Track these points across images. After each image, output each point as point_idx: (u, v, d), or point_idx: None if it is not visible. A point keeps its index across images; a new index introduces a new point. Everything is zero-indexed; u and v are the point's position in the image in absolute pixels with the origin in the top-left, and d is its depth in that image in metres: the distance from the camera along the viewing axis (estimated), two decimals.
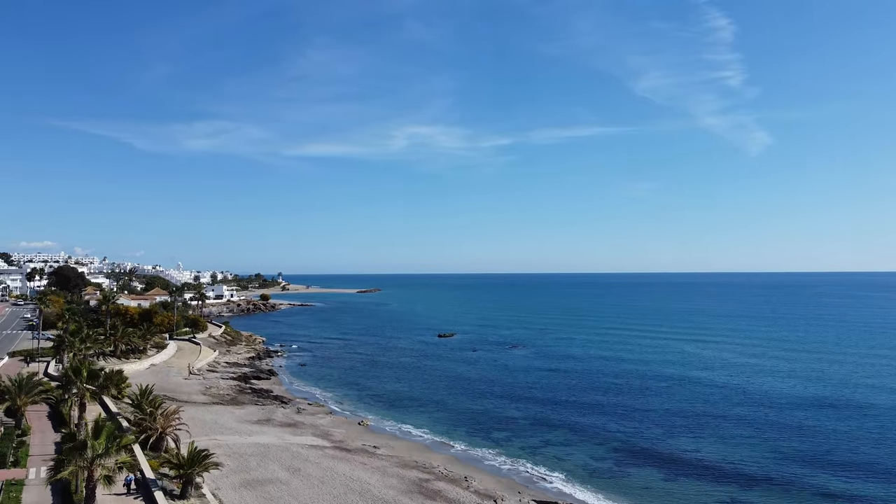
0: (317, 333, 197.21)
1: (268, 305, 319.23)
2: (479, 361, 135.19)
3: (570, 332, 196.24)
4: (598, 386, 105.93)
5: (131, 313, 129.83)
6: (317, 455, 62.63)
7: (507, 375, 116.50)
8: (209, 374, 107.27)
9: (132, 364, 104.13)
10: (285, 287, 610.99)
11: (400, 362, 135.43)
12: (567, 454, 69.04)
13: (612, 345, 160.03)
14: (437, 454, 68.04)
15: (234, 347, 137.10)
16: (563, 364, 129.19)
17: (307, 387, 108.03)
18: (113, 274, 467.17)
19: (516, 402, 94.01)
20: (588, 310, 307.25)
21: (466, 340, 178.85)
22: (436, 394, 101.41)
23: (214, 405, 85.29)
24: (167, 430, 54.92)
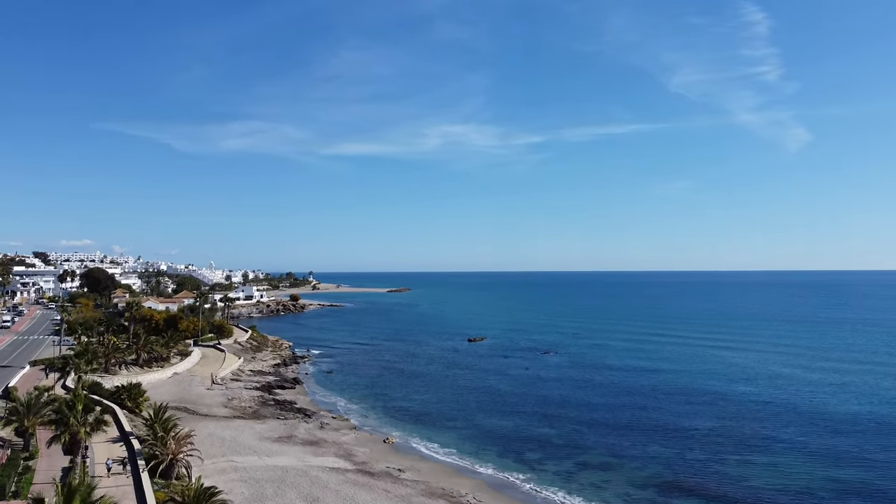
0: (345, 337, 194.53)
1: (297, 306, 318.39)
2: (510, 370, 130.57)
3: (604, 337, 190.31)
4: (636, 401, 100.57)
5: (156, 319, 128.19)
6: (338, 481, 58.90)
7: (539, 387, 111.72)
8: (232, 383, 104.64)
9: (154, 373, 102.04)
10: (316, 286, 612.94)
11: (428, 370, 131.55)
12: (604, 481, 64.23)
13: (648, 352, 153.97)
14: (465, 479, 63.83)
15: (260, 354, 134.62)
16: (597, 375, 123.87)
17: (332, 397, 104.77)
18: (146, 274, 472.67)
19: (549, 419, 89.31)
20: (621, 312, 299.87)
21: (497, 345, 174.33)
22: (465, 407, 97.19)
23: (235, 419, 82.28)
24: (178, 457, 51.64)
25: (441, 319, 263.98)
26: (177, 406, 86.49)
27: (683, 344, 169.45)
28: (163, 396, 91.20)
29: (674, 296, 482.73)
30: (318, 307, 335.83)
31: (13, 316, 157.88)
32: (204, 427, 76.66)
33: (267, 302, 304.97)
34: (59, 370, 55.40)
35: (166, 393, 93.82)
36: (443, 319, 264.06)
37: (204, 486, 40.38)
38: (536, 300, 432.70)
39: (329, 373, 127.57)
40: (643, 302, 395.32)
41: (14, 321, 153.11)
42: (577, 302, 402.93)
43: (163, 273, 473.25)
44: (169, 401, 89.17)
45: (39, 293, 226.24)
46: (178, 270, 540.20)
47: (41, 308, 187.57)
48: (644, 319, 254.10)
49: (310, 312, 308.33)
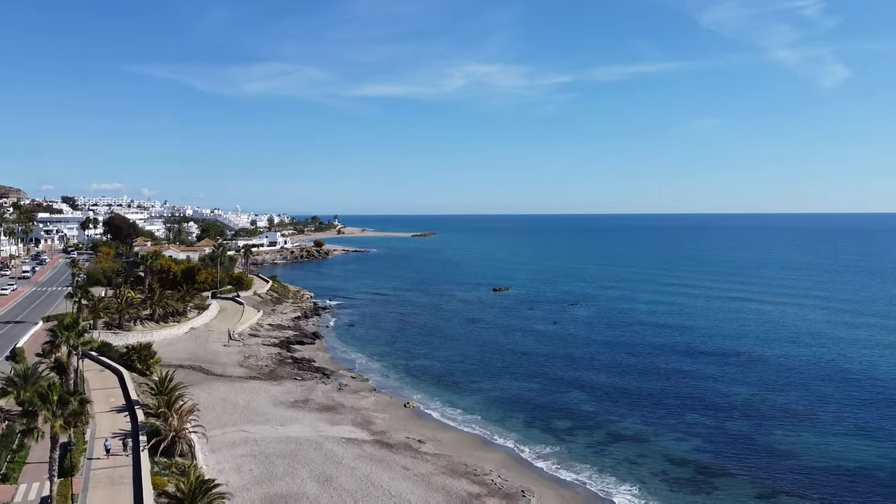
0: (368, 286, 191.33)
1: (321, 252, 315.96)
2: (537, 325, 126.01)
3: (633, 287, 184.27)
4: (669, 362, 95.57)
5: (174, 271, 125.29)
6: (353, 455, 55.24)
7: (567, 345, 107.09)
8: (250, 339, 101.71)
9: (170, 329, 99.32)
10: (341, 231, 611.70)
11: (452, 324, 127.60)
12: (639, 456, 59.78)
13: (679, 306, 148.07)
14: (489, 452, 59.86)
15: (280, 306, 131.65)
16: (627, 332, 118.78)
17: (352, 353, 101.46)
18: (171, 218, 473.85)
19: (579, 381, 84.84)
20: (648, 259, 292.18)
21: (522, 296, 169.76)
22: (490, 367, 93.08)
23: (251, 380, 79.17)
24: (181, 434, 48.08)
25: (465, 267, 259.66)
26: (191, 365, 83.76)
27: (715, 296, 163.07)
28: (178, 354, 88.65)
29: (702, 241, 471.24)
30: (342, 253, 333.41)
31: (33, 266, 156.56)
32: (217, 389, 73.71)
33: (291, 248, 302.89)
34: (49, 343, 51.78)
35: (182, 350, 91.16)
36: (467, 267, 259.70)
37: (201, 478, 36.50)
38: (562, 245, 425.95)
39: (350, 326, 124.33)
40: (670, 248, 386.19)
41: (35, 271, 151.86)
42: (604, 248, 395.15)
43: (188, 218, 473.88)
44: (184, 359, 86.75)
45: (64, 240, 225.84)
46: (203, 215, 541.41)
47: (62, 257, 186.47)
48: (672, 268, 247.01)
49: (334, 259, 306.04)
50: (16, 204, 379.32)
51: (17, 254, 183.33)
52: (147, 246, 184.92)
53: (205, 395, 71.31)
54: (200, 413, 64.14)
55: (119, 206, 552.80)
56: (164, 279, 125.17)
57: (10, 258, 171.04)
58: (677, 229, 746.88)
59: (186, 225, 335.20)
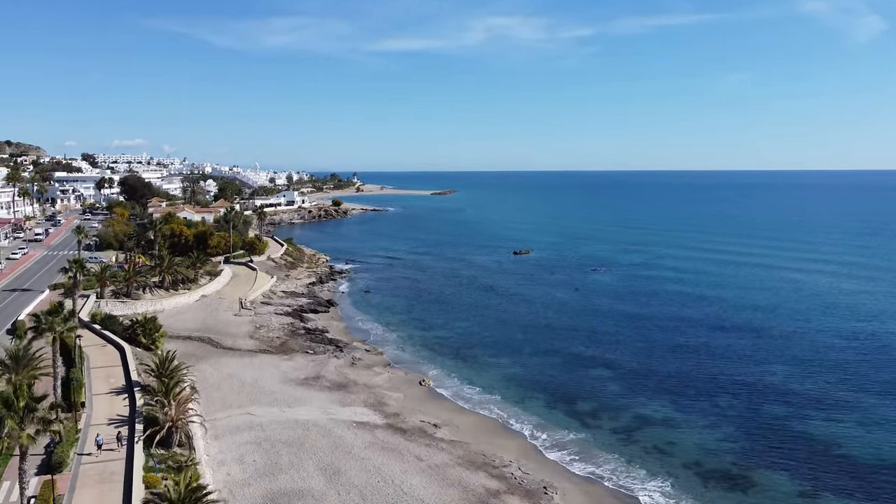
0: (385, 247, 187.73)
1: (339, 211, 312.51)
2: (558, 292, 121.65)
3: (656, 251, 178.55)
4: (698, 337, 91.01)
5: (185, 235, 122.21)
6: (364, 442, 51.95)
7: (589, 317, 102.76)
8: (262, 307, 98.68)
9: (180, 297, 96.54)
10: (360, 188, 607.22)
11: (471, 290, 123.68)
12: (669, 444, 55.91)
13: (706, 273, 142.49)
14: (509, 439, 56.33)
15: (294, 272, 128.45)
16: (653, 302, 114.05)
17: (367, 322, 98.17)
18: (191, 176, 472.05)
19: (603, 357, 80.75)
20: (673, 220, 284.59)
21: (543, 259, 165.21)
22: (509, 339, 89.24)
23: (260, 354, 76.16)
24: (178, 423, 44.92)
25: (485, 227, 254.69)
26: (200, 337, 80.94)
27: (744, 262, 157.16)
28: (186, 325, 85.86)
29: (729, 200, 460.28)
30: (360, 212, 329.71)
31: (46, 228, 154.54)
32: (225, 365, 70.79)
33: (309, 207, 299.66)
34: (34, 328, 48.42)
35: (191, 320, 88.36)
36: (487, 227, 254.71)
37: (193, 484, 33.12)
38: (584, 204, 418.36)
39: (366, 292, 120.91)
40: (695, 207, 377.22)
41: (48, 233, 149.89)
42: (626, 206, 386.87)
43: (206, 176, 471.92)
44: (192, 330, 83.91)
45: (80, 200, 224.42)
46: (222, 172, 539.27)
47: (77, 217, 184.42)
48: (698, 230, 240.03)
49: (352, 218, 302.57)
50: (35, 162, 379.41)
51: (32, 214, 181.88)
52: (162, 207, 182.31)
53: (212, 371, 68.46)
54: (206, 392, 61.53)
55: (139, 164, 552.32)
56: (176, 244, 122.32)
57: (24, 219, 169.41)
58: (702, 188, 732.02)
59: (204, 184, 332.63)
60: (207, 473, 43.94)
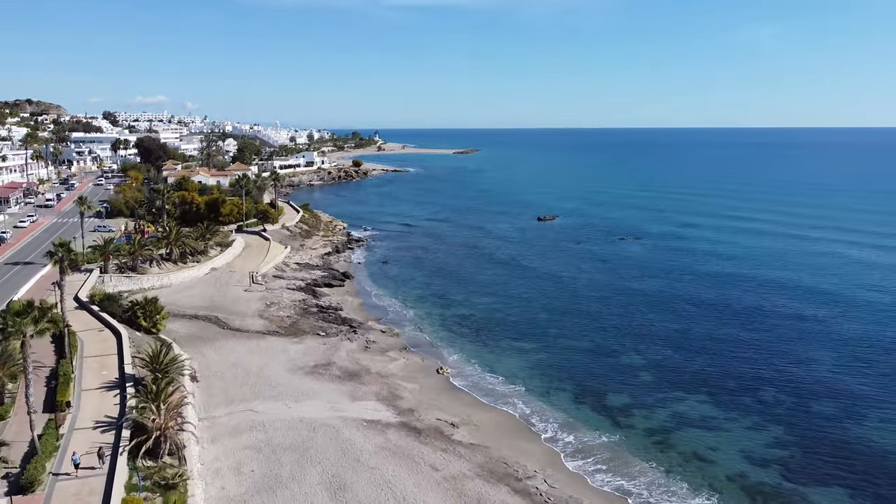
0: (405, 212, 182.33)
1: (359, 172, 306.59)
2: (585, 264, 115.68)
3: (689, 218, 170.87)
4: (737, 318, 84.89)
5: (196, 203, 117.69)
6: (375, 446, 47.40)
7: (619, 294, 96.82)
8: (274, 282, 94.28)
9: (189, 270, 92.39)
10: (381, 147, 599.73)
11: (494, 261, 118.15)
12: (711, 450, 50.62)
13: (747, 247, 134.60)
14: (533, 443, 51.40)
15: (310, 241, 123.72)
16: (686, 277, 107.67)
17: (384, 298, 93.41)
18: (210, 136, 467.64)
19: (633, 341, 75.21)
20: (706, 183, 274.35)
21: (569, 226, 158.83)
22: (533, 319, 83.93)
23: (269, 336, 71.82)
24: (166, 432, 40.54)
25: (509, 190, 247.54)
26: (207, 316, 76.84)
27: (784, 233, 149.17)
28: (193, 301, 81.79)
29: (763, 160, 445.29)
30: (381, 172, 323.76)
31: (59, 193, 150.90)
32: (231, 350, 66.57)
33: (328, 169, 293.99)
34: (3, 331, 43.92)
35: (198, 296, 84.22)
36: (510, 190, 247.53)
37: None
38: (611, 166, 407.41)
39: (384, 263, 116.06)
40: (728, 168, 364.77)
41: (60, 198, 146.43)
42: (654, 167, 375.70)
43: (227, 135, 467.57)
44: (199, 307, 79.83)
45: (97, 161, 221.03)
46: (242, 131, 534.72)
47: (93, 181, 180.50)
48: (731, 194, 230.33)
49: (372, 179, 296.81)
50: (56, 120, 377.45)
51: (47, 177, 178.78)
52: (177, 170, 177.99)
53: (216, 356, 64.31)
54: (208, 383, 57.53)
55: (159, 122, 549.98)
56: (187, 212, 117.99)
57: (38, 183, 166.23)
58: (735, 147, 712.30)
59: (223, 144, 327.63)
60: (199, 488, 39.77)
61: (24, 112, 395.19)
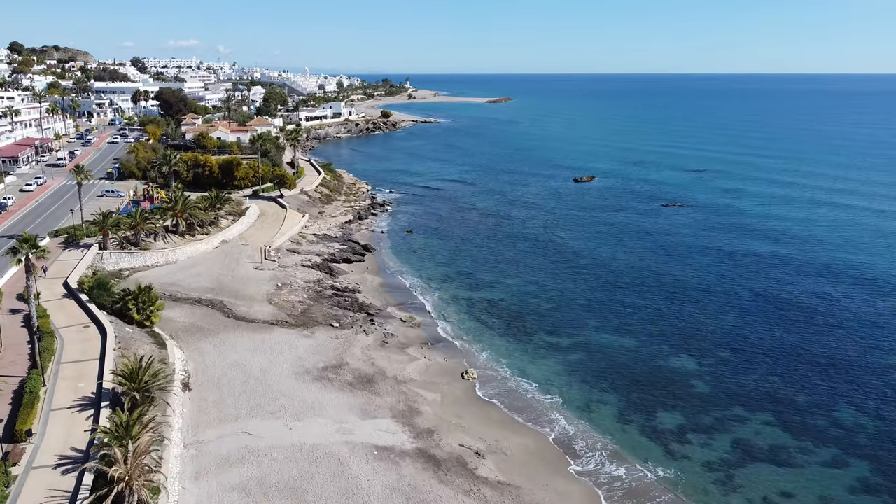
0: (434, 169, 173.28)
1: (388, 124, 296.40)
2: (627, 237, 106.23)
3: (739, 181, 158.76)
4: (805, 312, 75.38)
5: (209, 165, 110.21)
6: (384, 491, 40.26)
7: (666, 274, 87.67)
8: (288, 257, 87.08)
9: (197, 243, 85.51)
10: (412, 95, 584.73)
11: (526, 231, 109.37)
12: (786, 498, 42.47)
13: (810, 221, 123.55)
14: (572, 483, 43.71)
15: (330, 207, 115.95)
16: (741, 254, 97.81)
17: (406, 276, 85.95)
18: (238, 83, 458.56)
19: (684, 337, 66.66)
20: (759, 138, 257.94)
21: (608, 189, 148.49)
22: (570, 305, 75.67)
23: (276, 328, 64.84)
24: (132, 483, 33.68)
25: (543, 144, 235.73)
26: (210, 300, 70.09)
27: (855, 205, 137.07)
28: (198, 282, 74.97)
29: (823, 110, 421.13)
30: (410, 124, 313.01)
31: (72, 151, 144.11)
32: (233, 345, 59.76)
33: (356, 120, 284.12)
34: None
35: (204, 275, 77.33)
36: (545, 144, 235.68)
37: None
38: (653, 116, 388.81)
39: (408, 232, 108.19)
40: (785, 120, 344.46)
41: (74, 155, 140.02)
42: (700, 118, 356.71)
43: (255, 82, 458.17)
44: (204, 289, 73.02)
45: (118, 113, 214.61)
46: (271, 79, 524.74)
47: (111, 135, 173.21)
48: (789, 153, 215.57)
49: (401, 131, 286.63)
50: (83, 68, 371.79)
51: (64, 132, 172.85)
52: (196, 124, 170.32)
53: (215, 355, 57.56)
54: (201, 393, 50.84)
55: (188, 69, 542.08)
56: (200, 175, 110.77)
57: (54, 138, 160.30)
58: (791, 95, 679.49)
59: (249, 93, 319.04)
60: None
61: (51, 59, 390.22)
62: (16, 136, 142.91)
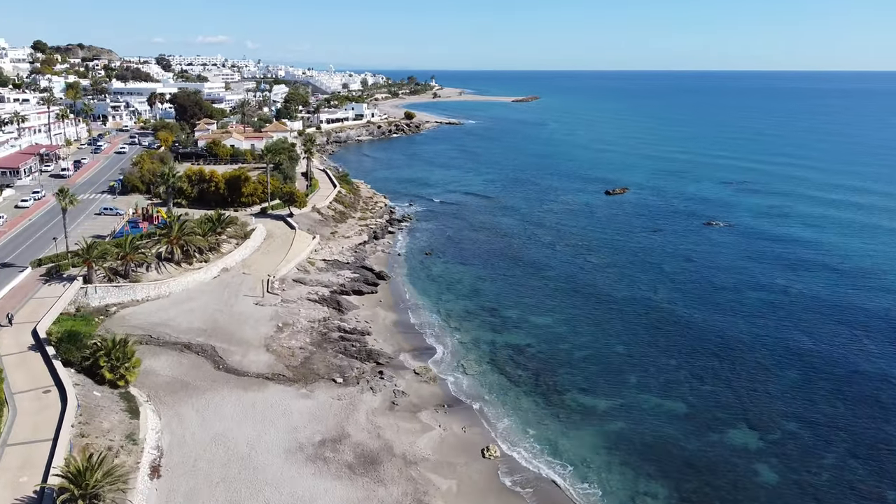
0: (457, 180, 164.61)
1: (411, 126, 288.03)
2: (666, 262, 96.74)
3: (783, 198, 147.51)
4: (876, 366, 65.46)
5: (215, 180, 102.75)
6: None
7: (715, 315, 78.05)
8: (294, 287, 79.14)
9: (195, 273, 77.83)
10: (437, 94, 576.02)
11: (554, 256, 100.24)
12: None
13: (866, 243, 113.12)
14: None
15: (344, 225, 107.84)
16: (792, 287, 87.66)
17: (422, 312, 77.69)
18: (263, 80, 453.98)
19: (740, 402, 57.27)
20: (787, 140, 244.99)
21: (642, 203, 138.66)
22: (607, 356, 66.62)
23: (271, 385, 56.82)
24: None
25: (571, 150, 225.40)
26: (202, 345, 62.38)
27: None
28: (189, 321, 67.21)
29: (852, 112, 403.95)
30: (434, 126, 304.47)
31: (78, 160, 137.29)
32: (219, 409, 51.85)
33: (378, 122, 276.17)
34: None
35: (199, 311, 69.59)
36: (573, 150, 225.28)
37: None
38: (688, 119, 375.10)
39: (427, 254, 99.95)
40: (837, 124, 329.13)
41: (80, 165, 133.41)
42: (741, 120, 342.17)
43: (279, 80, 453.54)
44: (195, 331, 65.18)
45: (134, 116, 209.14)
46: (295, 77, 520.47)
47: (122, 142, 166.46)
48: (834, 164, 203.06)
49: (425, 134, 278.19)
50: (107, 66, 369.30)
51: (76, 136, 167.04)
52: (210, 130, 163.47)
53: (196, 424, 49.63)
54: (170, 481, 42.72)
55: (213, 66, 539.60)
56: (205, 191, 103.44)
57: (65, 144, 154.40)
58: (846, 94, 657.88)
59: (271, 94, 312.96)
60: None
61: (76, 57, 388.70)
62: (21, 143, 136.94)
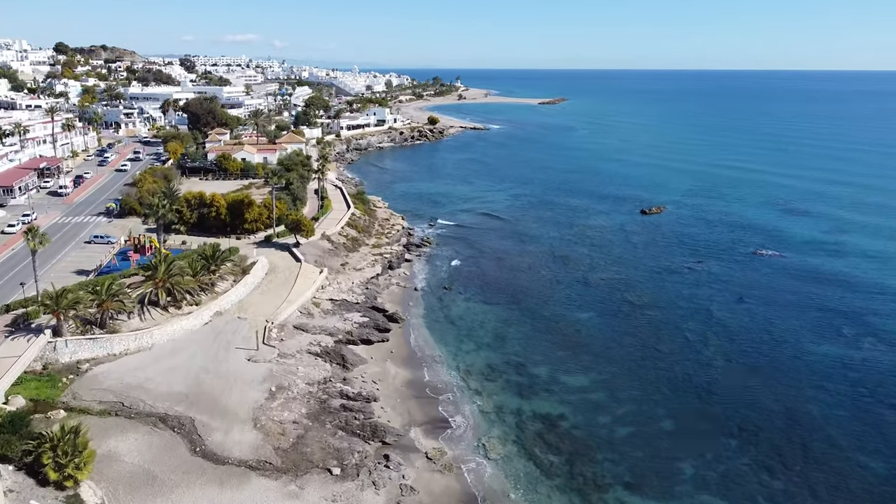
0: (480, 195, 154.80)
1: (434, 132, 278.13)
2: (714, 304, 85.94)
3: (838, 223, 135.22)
4: None
5: (217, 205, 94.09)
6: None
7: (776, 377, 67.27)
8: (295, 336, 70.07)
9: (183, 319, 68.98)
10: (462, 95, 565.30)
11: (588, 295, 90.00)
12: None
13: None
14: None
15: (356, 255, 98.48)
16: (864, 342, 76.40)
17: (439, 369, 68.50)
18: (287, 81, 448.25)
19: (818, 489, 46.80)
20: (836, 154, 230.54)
21: (681, 226, 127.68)
22: (653, 434, 56.46)
23: (253, 476, 47.62)
24: None
25: (602, 162, 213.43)
26: (178, 418, 53.54)
27: None
28: (171, 382, 58.39)
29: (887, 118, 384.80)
30: (458, 131, 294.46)
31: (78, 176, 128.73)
32: None
33: (400, 128, 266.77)
34: None
35: (181, 370, 60.65)
36: (604, 163, 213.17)
37: None
38: (729, 126, 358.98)
39: (447, 289, 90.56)
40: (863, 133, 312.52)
41: (79, 182, 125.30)
42: (789, 129, 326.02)
43: (302, 82, 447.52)
44: (172, 398, 56.16)
45: (148, 123, 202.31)
46: (318, 78, 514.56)
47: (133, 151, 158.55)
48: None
49: (448, 140, 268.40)
50: (129, 68, 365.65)
51: (83, 147, 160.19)
52: (222, 141, 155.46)
53: None
54: None
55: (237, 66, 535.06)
56: (205, 216, 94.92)
57: (70, 156, 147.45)
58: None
59: (291, 98, 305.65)
60: None
61: (98, 59, 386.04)
62: (22, 156, 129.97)
